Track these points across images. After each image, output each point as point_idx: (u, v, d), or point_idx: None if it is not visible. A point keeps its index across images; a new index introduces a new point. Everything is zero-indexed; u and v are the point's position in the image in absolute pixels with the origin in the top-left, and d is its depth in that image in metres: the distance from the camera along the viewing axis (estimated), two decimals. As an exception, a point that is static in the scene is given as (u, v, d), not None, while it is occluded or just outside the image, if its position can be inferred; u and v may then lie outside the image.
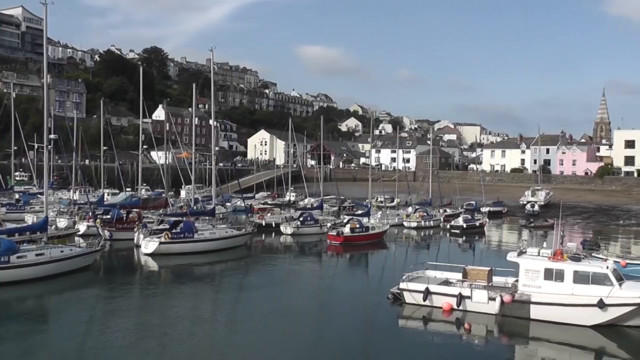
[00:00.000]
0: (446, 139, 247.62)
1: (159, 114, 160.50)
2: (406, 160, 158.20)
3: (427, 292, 32.98)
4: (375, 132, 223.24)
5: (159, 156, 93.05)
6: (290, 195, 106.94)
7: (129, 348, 25.92)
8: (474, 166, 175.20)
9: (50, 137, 49.48)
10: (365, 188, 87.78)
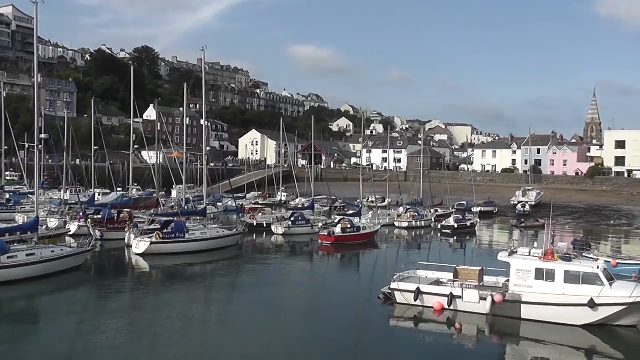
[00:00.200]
0: (437, 139, 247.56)
1: (150, 114, 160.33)
2: (397, 161, 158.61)
3: (418, 292, 33.01)
4: (367, 132, 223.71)
5: (150, 156, 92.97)
6: (281, 196, 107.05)
7: (120, 348, 25.87)
8: (465, 166, 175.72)
9: (41, 136, 49.35)
10: (356, 188, 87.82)
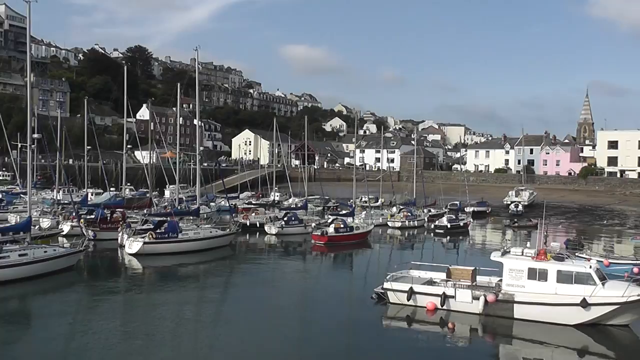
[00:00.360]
0: (430, 139, 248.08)
1: (143, 114, 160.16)
2: (390, 160, 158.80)
3: (411, 292, 33.06)
4: (360, 132, 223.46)
5: (143, 156, 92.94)
6: (274, 195, 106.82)
7: (112, 349, 25.81)
8: (458, 166, 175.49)
9: (34, 136, 49.28)
10: (349, 188, 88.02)
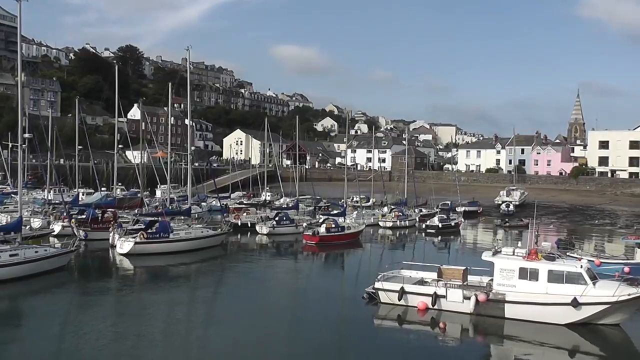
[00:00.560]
0: (422, 139, 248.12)
1: (135, 113, 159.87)
2: (382, 160, 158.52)
3: (402, 292, 33.12)
4: (351, 132, 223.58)
5: (134, 155, 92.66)
6: (265, 195, 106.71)
7: (103, 350, 25.77)
8: (450, 166, 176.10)
9: (25, 136, 48.96)
10: (341, 188, 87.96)
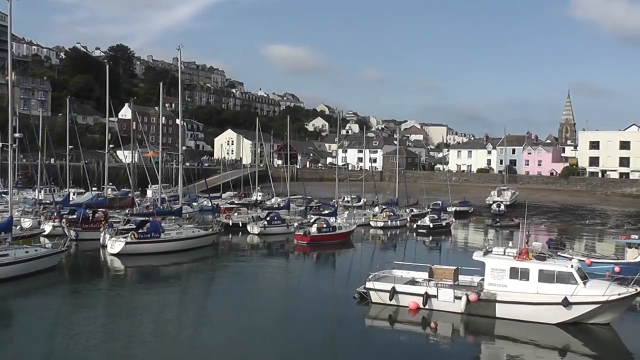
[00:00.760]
0: (413, 139, 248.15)
1: (126, 113, 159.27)
2: (373, 160, 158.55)
3: (393, 292, 33.15)
4: (342, 132, 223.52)
5: (125, 155, 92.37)
6: (257, 195, 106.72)
7: (93, 351, 25.71)
8: (441, 166, 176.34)
9: (15, 135, 48.67)
10: (332, 188, 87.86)
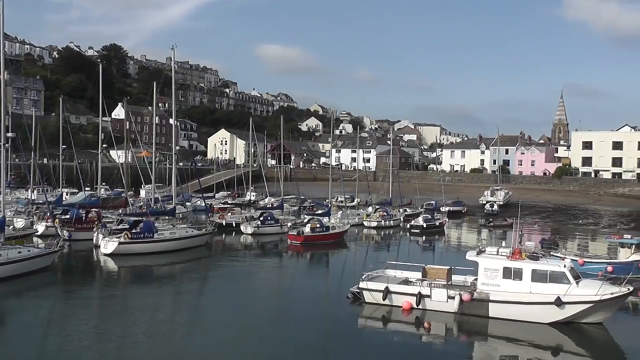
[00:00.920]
0: (406, 139, 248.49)
1: (119, 113, 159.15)
2: (366, 160, 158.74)
3: (386, 291, 33.17)
4: (336, 132, 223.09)
5: (118, 155, 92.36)
6: (250, 195, 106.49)
7: (85, 351, 25.63)
8: (434, 166, 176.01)
9: (8, 135, 48.58)
10: (325, 188, 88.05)
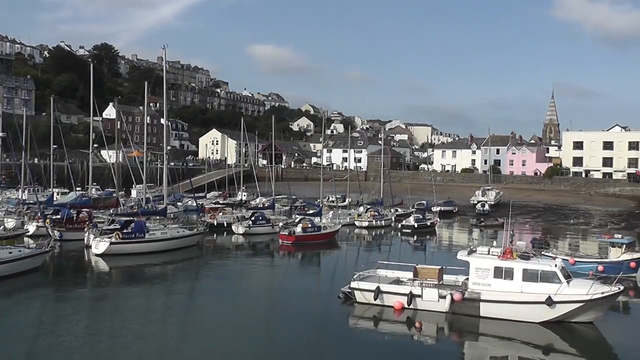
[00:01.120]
0: (397, 139, 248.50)
1: (110, 112, 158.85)
2: (358, 160, 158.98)
3: (378, 291, 33.22)
4: (327, 131, 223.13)
5: (109, 155, 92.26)
6: (241, 195, 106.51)
7: (77, 352, 25.59)
8: (425, 166, 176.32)
9: (-2, 135, 48.62)
10: (316, 188, 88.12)
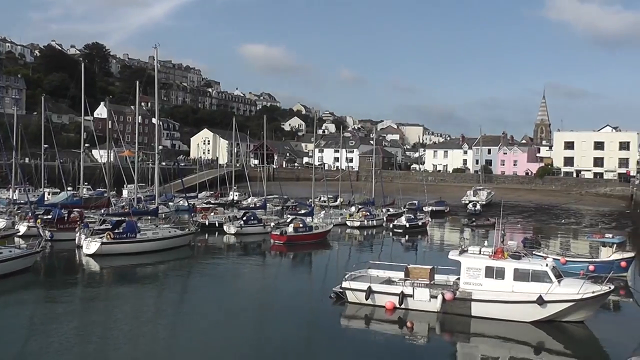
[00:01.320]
0: (389, 139, 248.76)
1: (101, 112, 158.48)
2: (349, 160, 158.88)
3: (369, 291, 33.27)
4: (319, 131, 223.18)
5: (101, 154, 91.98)
6: (233, 195, 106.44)
7: (68, 353, 25.53)
8: (417, 166, 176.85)
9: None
10: (308, 187, 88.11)
